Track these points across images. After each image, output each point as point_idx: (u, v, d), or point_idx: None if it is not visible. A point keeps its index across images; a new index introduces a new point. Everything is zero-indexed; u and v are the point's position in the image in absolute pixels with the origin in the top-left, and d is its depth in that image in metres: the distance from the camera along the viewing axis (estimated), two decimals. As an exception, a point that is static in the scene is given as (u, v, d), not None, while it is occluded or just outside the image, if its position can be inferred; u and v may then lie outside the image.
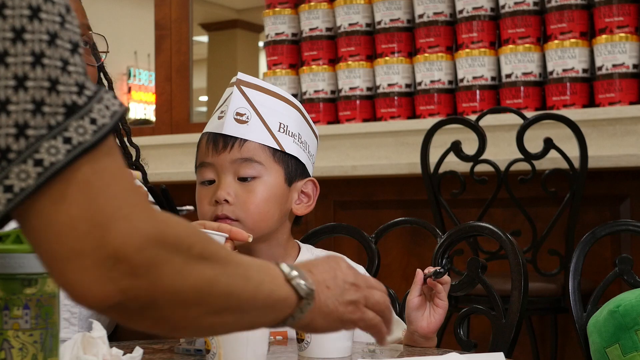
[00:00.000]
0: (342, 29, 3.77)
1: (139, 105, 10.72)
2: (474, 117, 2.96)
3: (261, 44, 6.91)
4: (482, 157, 2.80)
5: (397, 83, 3.63)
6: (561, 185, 2.79)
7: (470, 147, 2.82)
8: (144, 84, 10.58)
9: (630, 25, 3.21)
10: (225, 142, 1.45)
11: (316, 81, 3.80)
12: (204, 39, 9.62)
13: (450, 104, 3.55)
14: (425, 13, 3.59)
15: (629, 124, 3.08)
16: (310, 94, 3.81)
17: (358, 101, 3.71)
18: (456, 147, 2.81)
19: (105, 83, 1.68)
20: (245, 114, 1.45)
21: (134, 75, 10.42)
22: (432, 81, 3.56)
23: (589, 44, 3.31)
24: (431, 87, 3.56)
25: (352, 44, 3.75)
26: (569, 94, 3.27)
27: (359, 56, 3.74)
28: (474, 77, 3.46)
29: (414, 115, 3.62)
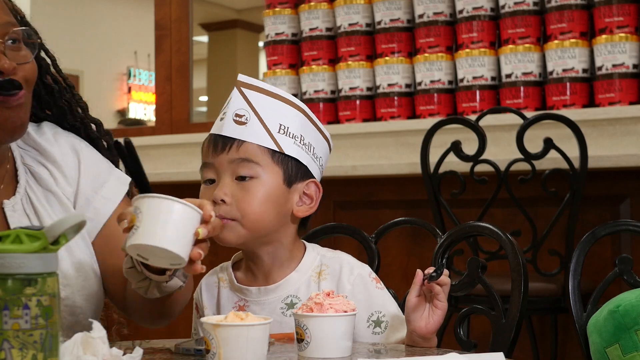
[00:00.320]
0: (342, 29, 3.78)
1: (139, 105, 10.73)
2: (474, 117, 2.96)
3: (261, 44, 6.91)
4: (482, 157, 2.80)
5: (397, 83, 3.63)
6: (561, 185, 2.79)
7: (470, 147, 2.82)
8: (144, 84, 10.58)
9: (630, 25, 3.21)
10: (224, 143, 1.46)
11: (316, 81, 3.80)
12: (204, 39, 9.62)
13: (450, 104, 3.55)
14: (425, 13, 3.59)
15: (629, 124, 3.08)
16: (310, 94, 3.81)
17: (358, 101, 3.71)
18: (456, 147, 2.81)
19: (47, 62, 1.60)
20: (244, 115, 1.46)
21: (134, 75, 10.42)
22: (432, 81, 3.56)
23: (589, 44, 3.31)
24: (431, 87, 3.56)
25: (352, 44, 3.75)
26: (569, 94, 3.28)
27: (359, 56, 3.74)
28: (474, 77, 3.46)
29: (414, 115, 3.62)
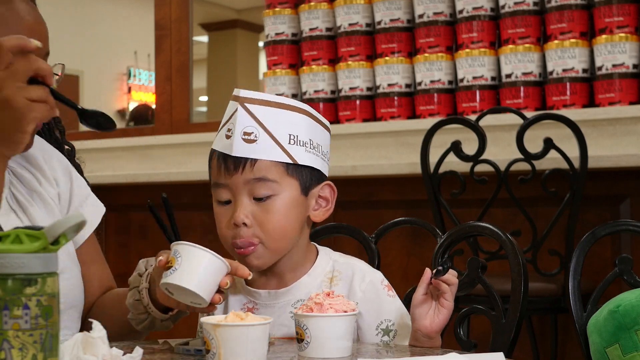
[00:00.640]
0: (342, 29, 3.78)
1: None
2: (474, 117, 2.96)
3: (261, 44, 6.91)
4: (482, 157, 2.80)
5: (397, 83, 3.63)
6: (561, 185, 2.79)
7: (470, 147, 2.82)
8: (144, 84, 10.58)
9: (630, 25, 3.21)
10: (236, 164, 1.42)
11: (316, 81, 3.80)
12: (204, 39, 9.62)
13: (450, 104, 3.56)
14: (425, 13, 3.59)
15: (629, 124, 3.08)
16: (310, 94, 3.81)
17: (358, 101, 3.71)
18: (456, 147, 2.81)
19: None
20: (252, 132, 1.42)
21: (134, 75, 10.42)
22: (432, 81, 3.56)
23: (589, 44, 3.31)
24: (431, 87, 3.56)
25: (352, 44, 3.75)
26: (569, 94, 3.28)
27: (359, 56, 3.75)
28: (474, 77, 3.46)
29: (414, 115, 3.62)
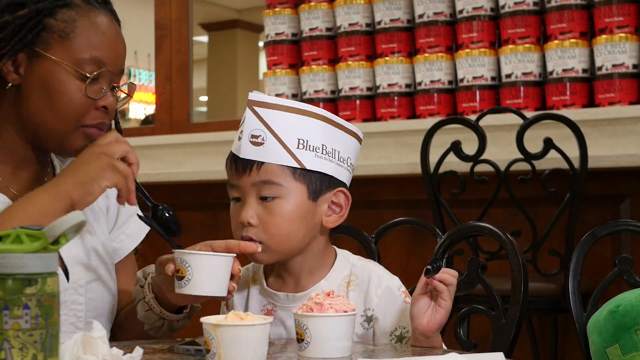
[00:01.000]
0: (342, 29, 3.78)
1: (139, 105, 10.73)
2: (474, 117, 2.96)
3: (261, 44, 6.92)
4: (482, 157, 2.80)
5: (397, 83, 3.63)
6: (561, 185, 2.79)
7: (470, 147, 2.82)
8: (144, 84, 10.59)
9: (630, 25, 3.21)
10: (244, 166, 1.45)
11: (316, 81, 3.80)
12: (204, 39, 9.61)
13: (450, 104, 3.55)
14: (425, 13, 3.59)
15: (629, 124, 3.08)
16: (310, 94, 3.81)
17: (358, 101, 3.71)
18: (456, 147, 2.81)
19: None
20: (260, 135, 1.43)
21: (134, 75, 10.42)
22: (432, 81, 3.56)
23: (589, 44, 3.31)
24: (431, 87, 3.56)
25: (352, 44, 3.75)
26: (569, 94, 3.27)
27: (359, 56, 3.74)
28: (474, 77, 3.46)
29: (414, 115, 3.62)
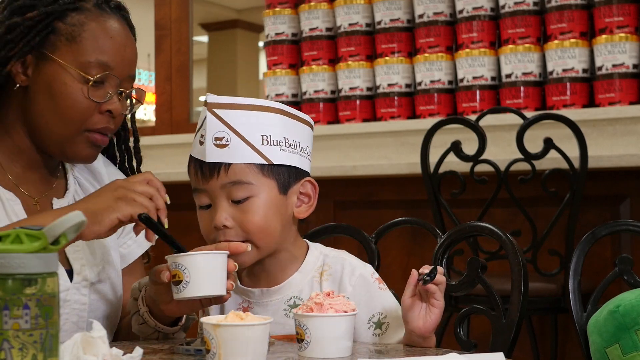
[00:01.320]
0: (342, 29, 3.78)
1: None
2: (474, 117, 2.96)
3: (261, 44, 6.92)
4: (482, 157, 2.80)
5: (397, 83, 3.63)
6: (561, 185, 2.79)
7: (470, 147, 2.82)
8: (144, 84, 10.58)
9: (630, 25, 3.21)
10: (211, 170, 1.43)
11: (316, 81, 3.80)
12: (204, 39, 9.62)
13: (450, 104, 3.55)
14: (425, 13, 3.59)
15: (629, 124, 3.08)
16: (310, 94, 3.81)
17: (358, 101, 3.71)
18: (456, 147, 2.81)
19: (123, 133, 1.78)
20: (223, 137, 1.42)
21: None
22: (432, 81, 3.56)
23: (589, 44, 3.31)
24: (431, 87, 3.56)
25: (352, 44, 3.75)
26: (569, 94, 3.27)
27: (359, 56, 3.74)
28: (474, 77, 3.46)
29: (414, 115, 3.62)
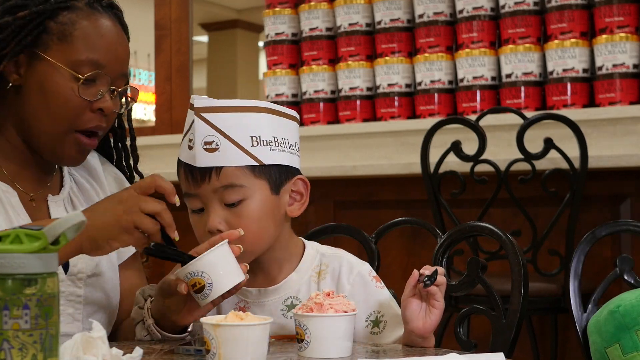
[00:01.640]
0: (342, 29, 3.78)
1: (139, 105, 10.73)
2: (474, 117, 2.96)
3: (261, 44, 6.92)
4: (482, 157, 2.80)
5: (397, 83, 3.63)
6: (561, 185, 2.79)
7: (470, 147, 2.82)
8: (144, 84, 10.59)
9: (630, 25, 3.21)
10: (202, 174, 1.42)
11: (316, 81, 3.80)
12: (204, 39, 9.62)
13: (450, 104, 3.55)
14: (425, 13, 3.59)
15: (629, 124, 3.08)
16: (310, 94, 3.81)
17: (358, 101, 3.71)
18: (456, 147, 2.81)
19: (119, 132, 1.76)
20: (213, 141, 1.41)
21: (134, 75, 10.43)
22: (432, 81, 3.56)
23: (589, 44, 3.31)
24: (431, 87, 3.56)
25: (352, 44, 3.75)
26: (569, 94, 3.27)
27: (359, 56, 3.74)
28: (474, 77, 3.46)
29: (414, 115, 3.62)
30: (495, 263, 2.70)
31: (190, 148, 1.43)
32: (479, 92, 3.46)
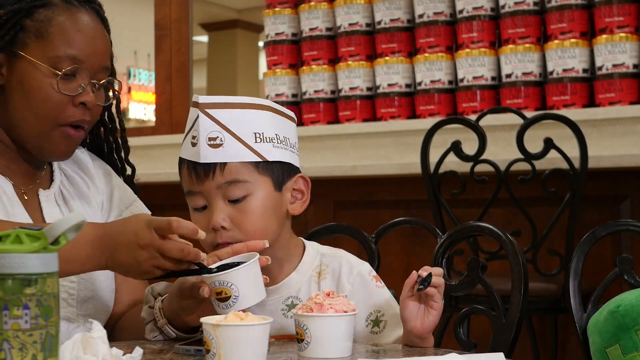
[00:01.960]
0: (342, 29, 3.78)
1: (139, 105, 10.73)
2: (474, 117, 2.96)
3: (261, 44, 6.92)
4: (482, 157, 2.80)
5: (397, 83, 3.63)
6: (561, 185, 2.79)
7: (470, 147, 2.82)
8: (144, 84, 10.59)
9: (630, 25, 3.21)
10: (205, 171, 1.42)
11: (316, 81, 3.80)
12: (204, 39, 9.62)
13: (450, 104, 3.55)
14: (425, 13, 3.59)
15: (629, 124, 3.08)
16: (310, 94, 3.81)
17: (358, 101, 3.71)
18: (456, 147, 2.81)
19: (110, 125, 1.77)
20: (217, 137, 1.42)
21: (134, 75, 10.43)
22: (432, 81, 3.56)
23: (589, 44, 3.31)
24: (431, 87, 3.56)
25: (352, 44, 3.75)
26: (569, 94, 3.27)
27: (359, 56, 3.74)
28: (474, 77, 3.46)
29: (414, 115, 3.62)
30: (495, 263, 2.70)
31: (194, 145, 1.44)
32: (479, 92, 3.46)
